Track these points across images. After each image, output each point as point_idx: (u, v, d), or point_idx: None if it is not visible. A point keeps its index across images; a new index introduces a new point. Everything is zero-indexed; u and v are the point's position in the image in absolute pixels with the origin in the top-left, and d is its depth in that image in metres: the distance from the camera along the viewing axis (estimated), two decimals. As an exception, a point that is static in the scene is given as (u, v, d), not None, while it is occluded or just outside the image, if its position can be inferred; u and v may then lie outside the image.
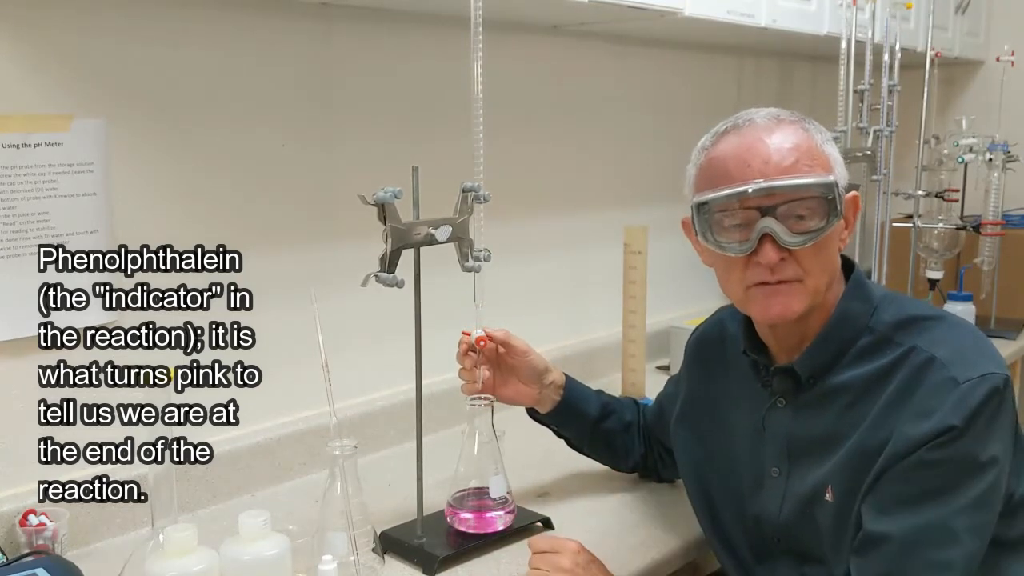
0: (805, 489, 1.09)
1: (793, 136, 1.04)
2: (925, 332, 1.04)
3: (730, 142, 1.05)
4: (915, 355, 1.02)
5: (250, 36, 1.44)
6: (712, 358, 1.26)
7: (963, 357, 1.00)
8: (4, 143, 1.18)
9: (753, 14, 1.86)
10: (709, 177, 1.06)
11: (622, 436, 1.43)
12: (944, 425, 0.96)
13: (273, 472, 1.48)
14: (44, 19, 1.22)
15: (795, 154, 1.03)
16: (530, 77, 1.90)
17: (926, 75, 2.31)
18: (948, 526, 0.96)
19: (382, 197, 1.11)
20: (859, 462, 1.03)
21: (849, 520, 1.03)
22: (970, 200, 2.45)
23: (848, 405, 1.06)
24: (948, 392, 0.97)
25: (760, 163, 1.02)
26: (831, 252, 1.07)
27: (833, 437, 1.06)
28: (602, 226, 2.07)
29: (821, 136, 1.07)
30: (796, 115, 1.08)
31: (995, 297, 2.44)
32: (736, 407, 1.20)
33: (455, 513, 1.27)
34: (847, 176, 1.08)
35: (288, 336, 1.30)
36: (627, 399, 1.50)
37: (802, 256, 1.03)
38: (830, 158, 1.06)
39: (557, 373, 1.38)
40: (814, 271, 1.04)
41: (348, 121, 1.58)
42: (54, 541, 1.17)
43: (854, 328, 1.08)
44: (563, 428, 1.43)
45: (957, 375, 0.98)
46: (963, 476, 0.97)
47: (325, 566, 1.03)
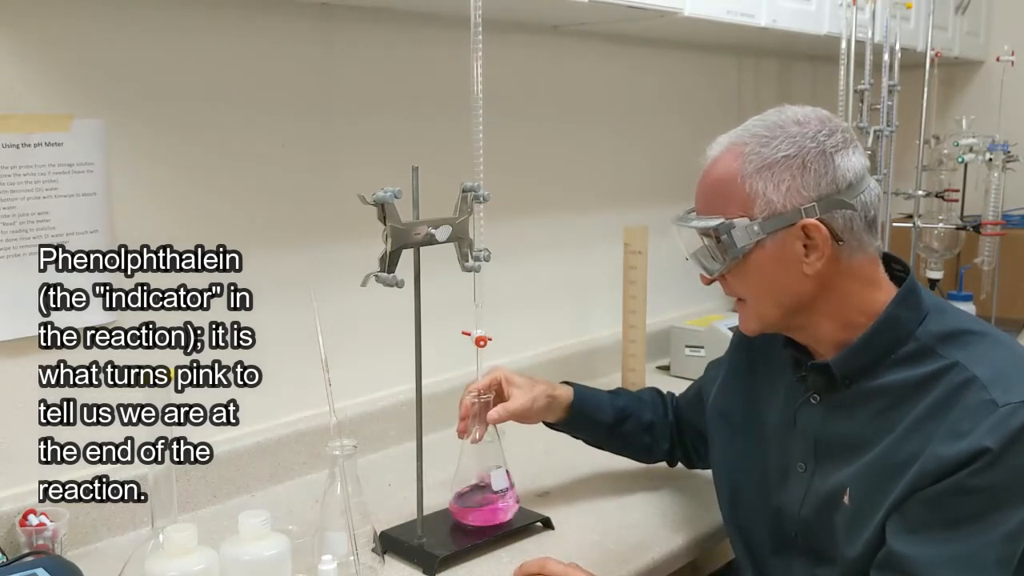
0: (827, 488, 1.09)
1: (716, 171, 1.07)
2: (968, 347, 1.02)
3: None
4: (955, 372, 1.00)
5: (250, 36, 1.44)
6: (757, 347, 1.25)
7: (1005, 379, 0.98)
8: (4, 143, 1.18)
9: (753, 14, 1.86)
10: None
11: (642, 436, 1.43)
12: (978, 447, 0.94)
13: (273, 472, 1.48)
14: (44, 19, 1.22)
15: (704, 196, 1.09)
16: (530, 77, 1.90)
17: (926, 75, 2.31)
18: (979, 557, 0.95)
19: (382, 197, 1.11)
20: (882, 471, 1.02)
21: (862, 527, 1.03)
22: (970, 200, 2.45)
23: (881, 411, 1.05)
24: (986, 415, 0.95)
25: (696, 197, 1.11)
26: (769, 279, 1.06)
27: (861, 441, 1.06)
28: (602, 226, 2.07)
29: (753, 165, 1.03)
30: (753, 133, 1.05)
31: (995, 297, 2.44)
32: (771, 398, 1.20)
33: (459, 508, 1.27)
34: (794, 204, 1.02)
35: (288, 336, 1.30)
36: (650, 394, 1.48)
37: (731, 281, 1.10)
38: (750, 195, 1.03)
39: (562, 395, 1.37)
40: (750, 295, 1.10)
41: (348, 121, 1.58)
42: (54, 541, 1.17)
43: (899, 334, 1.06)
44: (575, 435, 1.44)
45: (997, 398, 0.96)
46: (998, 507, 0.95)
47: (325, 566, 1.04)
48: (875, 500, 1.02)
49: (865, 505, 1.03)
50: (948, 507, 0.96)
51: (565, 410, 1.37)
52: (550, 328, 2.01)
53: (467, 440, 1.27)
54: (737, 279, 1.08)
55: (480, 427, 1.27)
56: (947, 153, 2.38)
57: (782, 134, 1.04)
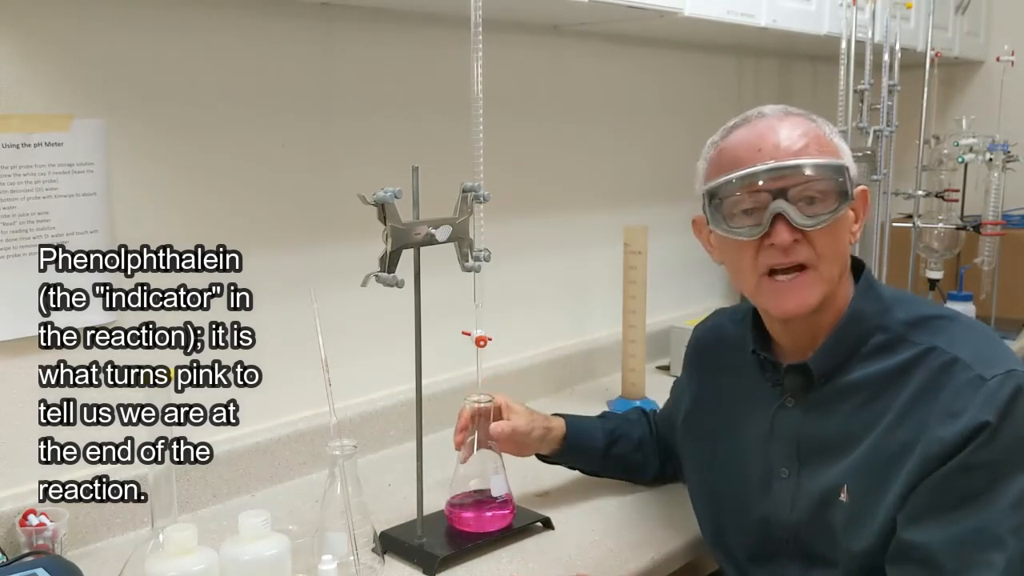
0: (818, 489, 1.08)
1: (802, 125, 1.07)
2: (942, 332, 1.04)
3: (740, 133, 1.08)
4: (935, 355, 1.02)
5: (250, 36, 1.44)
6: (712, 361, 1.26)
7: (985, 356, 1.00)
8: (4, 143, 1.18)
9: (753, 14, 1.86)
10: (720, 166, 1.08)
11: (634, 455, 1.43)
12: (977, 422, 0.95)
13: (273, 472, 1.48)
14: (44, 19, 1.22)
15: (805, 139, 1.05)
16: (530, 77, 1.90)
17: (926, 75, 2.31)
18: (991, 531, 0.96)
19: (382, 197, 1.11)
20: (878, 463, 1.02)
21: (866, 521, 1.03)
22: (970, 200, 2.45)
23: (862, 404, 1.05)
24: (976, 390, 0.97)
25: (771, 147, 1.04)
26: (843, 240, 1.07)
27: (847, 437, 1.06)
28: (602, 226, 2.07)
29: (829, 128, 1.09)
30: (804, 111, 1.10)
31: (995, 297, 2.44)
32: (742, 408, 1.19)
33: (455, 513, 1.27)
34: (856, 170, 1.09)
35: (288, 336, 1.30)
36: (635, 413, 1.49)
37: (815, 238, 1.03)
38: (839, 148, 1.08)
39: (556, 427, 1.37)
40: (827, 256, 1.04)
41: (348, 121, 1.58)
42: (54, 541, 1.17)
43: (867, 326, 1.08)
44: (571, 465, 1.44)
45: (983, 372, 0.98)
46: (1001, 477, 0.96)
47: (325, 566, 1.04)
48: (876, 492, 1.02)
49: (866, 499, 1.03)
50: (955, 487, 0.97)
51: (560, 442, 1.37)
52: (550, 328, 2.01)
53: (467, 441, 1.27)
54: (827, 234, 1.03)
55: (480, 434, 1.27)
56: (947, 153, 2.38)
57: (807, 112, 1.10)
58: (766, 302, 1.09)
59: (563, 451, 1.38)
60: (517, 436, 1.31)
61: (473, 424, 1.28)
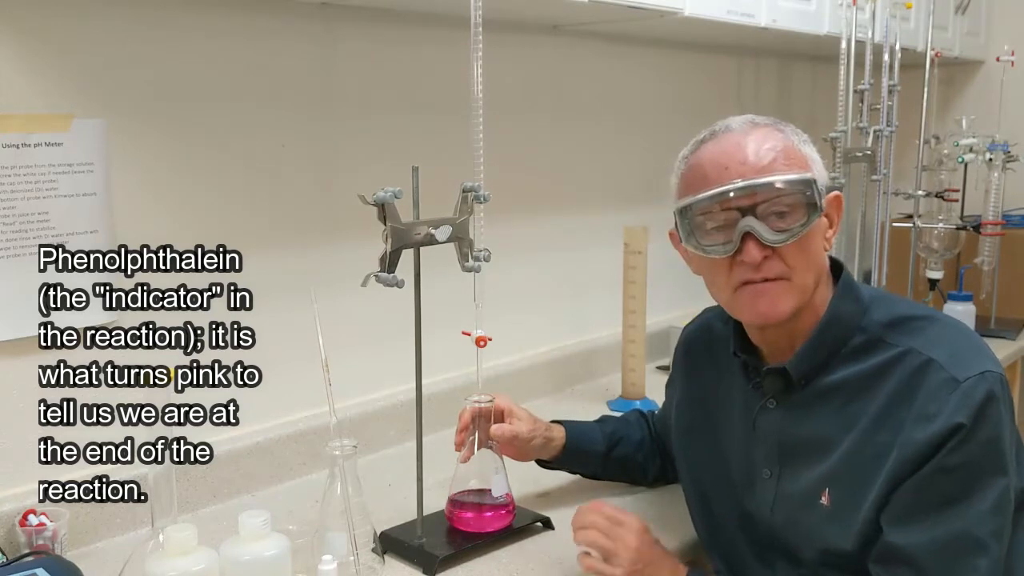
0: (798, 491, 1.09)
1: (770, 138, 1.05)
2: (919, 333, 1.04)
3: (708, 148, 1.07)
4: (911, 357, 1.02)
5: (250, 36, 1.44)
6: (701, 360, 1.27)
7: (960, 357, 1.00)
8: (4, 143, 1.18)
9: (753, 14, 1.86)
10: (689, 183, 1.08)
11: (634, 457, 1.43)
12: (951, 423, 0.96)
13: (273, 472, 1.48)
14: (44, 19, 1.22)
15: (772, 153, 1.04)
16: (530, 77, 1.90)
17: (926, 75, 2.31)
18: (973, 535, 0.96)
19: (382, 197, 1.11)
20: (858, 466, 1.02)
21: (847, 523, 1.03)
22: (970, 200, 2.46)
23: (840, 406, 1.06)
24: (950, 392, 0.97)
25: (737, 164, 1.03)
26: (815, 250, 1.06)
27: (826, 439, 1.06)
28: (602, 226, 2.07)
29: (798, 137, 1.08)
30: (771, 120, 1.09)
31: (995, 297, 2.44)
32: (727, 408, 1.19)
33: (455, 513, 1.27)
34: (827, 175, 1.08)
35: (288, 336, 1.30)
36: (633, 415, 1.49)
37: (786, 253, 1.03)
38: (808, 158, 1.07)
39: (556, 434, 1.37)
40: (799, 268, 1.04)
41: (348, 121, 1.58)
42: (54, 541, 1.17)
43: (846, 328, 1.08)
44: (572, 470, 1.45)
45: (957, 374, 0.98)
46: (980, 479, 0.97)
47: (325, 566, 1.03)
48: (857, 495, 1.02)
49: (847, 502, 1.03)
50: (933, 490, 0.97)
51: (560, 448, 1.38)
52: (550, 328, 2.01)
53: (467, 441, 1.27)
54: (798, 247, 1.03)
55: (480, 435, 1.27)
56: (947, 153, 2.38)
57: (775, 120, 1.09)
58: (741, 312, 1.10)
59: (563, 457, 1.39)
60: (518, 442, 1.31)
61: (473, 424, 1.28)
